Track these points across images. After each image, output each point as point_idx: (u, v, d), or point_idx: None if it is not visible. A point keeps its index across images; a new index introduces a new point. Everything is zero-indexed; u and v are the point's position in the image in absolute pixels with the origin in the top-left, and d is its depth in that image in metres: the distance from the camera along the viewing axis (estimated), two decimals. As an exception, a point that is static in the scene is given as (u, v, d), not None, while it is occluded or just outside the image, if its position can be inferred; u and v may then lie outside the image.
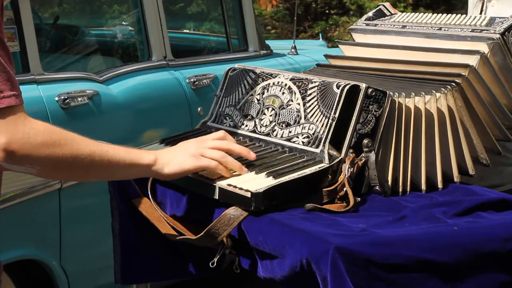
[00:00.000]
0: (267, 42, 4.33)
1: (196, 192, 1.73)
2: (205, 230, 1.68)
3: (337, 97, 1.67)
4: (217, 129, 1.89)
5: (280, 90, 1.80)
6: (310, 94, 1.73)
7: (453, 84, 1.74)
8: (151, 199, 1.85)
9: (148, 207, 1.87)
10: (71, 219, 3.02)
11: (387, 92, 1.69)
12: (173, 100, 3.51)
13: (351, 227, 1.49)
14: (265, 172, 1.62)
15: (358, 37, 2.07)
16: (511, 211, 1.62)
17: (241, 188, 1.60)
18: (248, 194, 1.57)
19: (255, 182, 1.60)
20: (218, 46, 4.46)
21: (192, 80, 3.60)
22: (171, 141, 1.89)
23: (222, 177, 1.66)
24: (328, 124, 1.66)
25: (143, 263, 1.98)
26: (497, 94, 1.82)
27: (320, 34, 7.62)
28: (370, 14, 2.08)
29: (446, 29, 1.88)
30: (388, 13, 2.07)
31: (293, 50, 4.43)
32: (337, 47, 2.19)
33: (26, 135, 1.45)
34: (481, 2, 2.09)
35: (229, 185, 1.62)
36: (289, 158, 1.68)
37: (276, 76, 1.84)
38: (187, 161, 1.64)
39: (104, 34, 4.30)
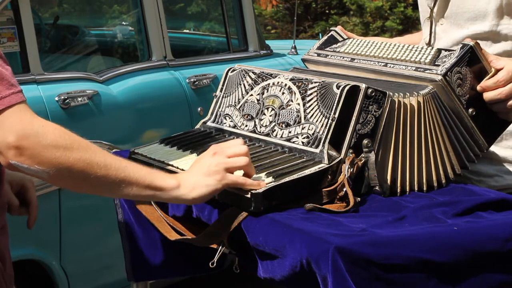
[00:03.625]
0: (267, 42, 4.33)
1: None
2: (205, 230, 1.68)
3: (337, 97, 1.67)
4: (217, 129, 1.90)
5: (280, 90, 1.80)
6: (310, 94, 1.73)
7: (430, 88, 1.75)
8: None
9: (148, 207, 1.87)
10: (71, 219, 3.03)
11: (387, 92, 1.69)
12: (173, 100, 3.51)
13: (351, 227, 1.49)
14: (265, 173, 1.62)
15: (311, 67, 2.06)
16: (511, 211, 1.62)
17: (240, 189, 1.60)
18: (248, 195, 1.57)
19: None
20: (218, 46, 4.46)
21: (192, 80, 3.60)
22: (170, 141, 1.89)
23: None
24: (328, 124, 1.66)
25: (152, 260, 1.98)
26: None
27: (320, 34, 7.62)
28: (322, 40, 2.07)
29: (392, 65, 1.86)
30: (340, 39, 2.06)
31: (293, 50, 4.43)
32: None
33: (35, 133, 1.42)
34: (429, 21, 2.07)
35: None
36: (289, 159, 1.68)
37: (276, 76, 1.83)
38: (212, 182, 1.57)
39: (104, 34, 4.30)
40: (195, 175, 1.58)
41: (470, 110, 1.78)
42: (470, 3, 1.95)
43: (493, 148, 1.96)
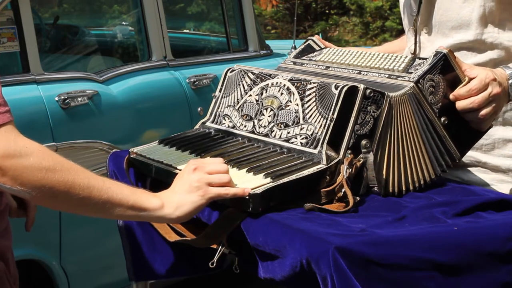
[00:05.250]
0: (267, 42, 4.33)
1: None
2: (204, 231, 1.68)
3: (335, 98, 1.67)
4: (216, 130, 1.90)
5: (278, 91, 1.80)
6: (309, 95, 1.73)
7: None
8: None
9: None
10: (71, 219, 3.03)
11: (385, 93, 1.69)
12: (173, 100, 3.51)
13: (351, 227, 1.49)
14: (263, 173, 1.62)
15: None
16: (511, 211, 1.62)
17: (239, 189, 1.60)
18: (246, 195, 1.57)
19: (253, 183, 1.59)
20: (218, 46, 4.46)
21: (192, 80, 3.60)
22: (169, 141, 1.89)
23: None
24: (326, 125, 1.66)
25: (152, 260, 1.98)
26: None
27: (320, 34, 7.61)
28: (299, 49, 2.07)
29: (365, 73, 1.86)
30: (317, 48, 2.06)
31: (293, 50, 4.42)
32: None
33: (18, 154, 1.41)
34: (413, 30, 2.07)
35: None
36: (288, 159, 1.68)
37: (274, 77, 1.83)
38: (196, 199, 1.57)
39: (104, 34, 4.31)
40: (178, 193, 1.58)
41: (442, 119, 1.76)
42: (453, 11, 1.95)
43: (485, 157, 1.96)
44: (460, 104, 1.76)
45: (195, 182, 1.58)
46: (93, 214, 1.56)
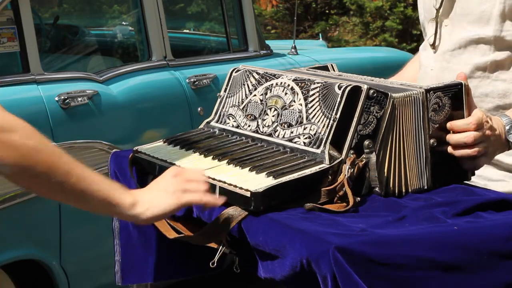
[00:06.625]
0: (267, 42, 4.33)
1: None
2: (203, 229, 1.68)
3: (339, 98, 1.67)
4: (220, 129, 1.90)
5: (283, 91, 1.81)
6: (312, 94, 1.74)
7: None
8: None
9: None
10: (71, 219, 3.03)
11: (389, 93, 1.69)
12: (173, 100, 3.51)
13: (351, 227, 1.49)
14: (266, 172, 1.63)
15: None
16: (511, 211, 1.62)
17: (241, 188, 1.60)
18: (248, 194, 1.57)
19: (255, 182, 1.60)
20: (218, 46, 4.46)
21: (192, 80, 3.60)
22: (174, 140, 1.89)
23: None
24: (329, 125, 1.67)
25: (143, 262, 1.98)
26: None
27: (320, 34, 7.59)
28: (314, 66, 2.07)
29: (378, 81, 1.88)
30: (331, 70, 2.08)
31: (293, 50, 4.43)
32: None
33: (2, 128, 1.39)
34: (434, 22, 2.07)
35: (229, 184, 1.63)
36: (290, 159, 1.68)
37: (279, 77, 1.84)
38: (169, 202, 1.56)
39: (104, 34, 4.31)
40: (152, 193, 1.57)
41: (431, 140, 1.75)
42: (474, 5, 1.95)
43: (499, 155, 1.95)
44: (455, 137, 1.74)
45: (171, 186, 1.58)
46: (67, 201, 1.53)
